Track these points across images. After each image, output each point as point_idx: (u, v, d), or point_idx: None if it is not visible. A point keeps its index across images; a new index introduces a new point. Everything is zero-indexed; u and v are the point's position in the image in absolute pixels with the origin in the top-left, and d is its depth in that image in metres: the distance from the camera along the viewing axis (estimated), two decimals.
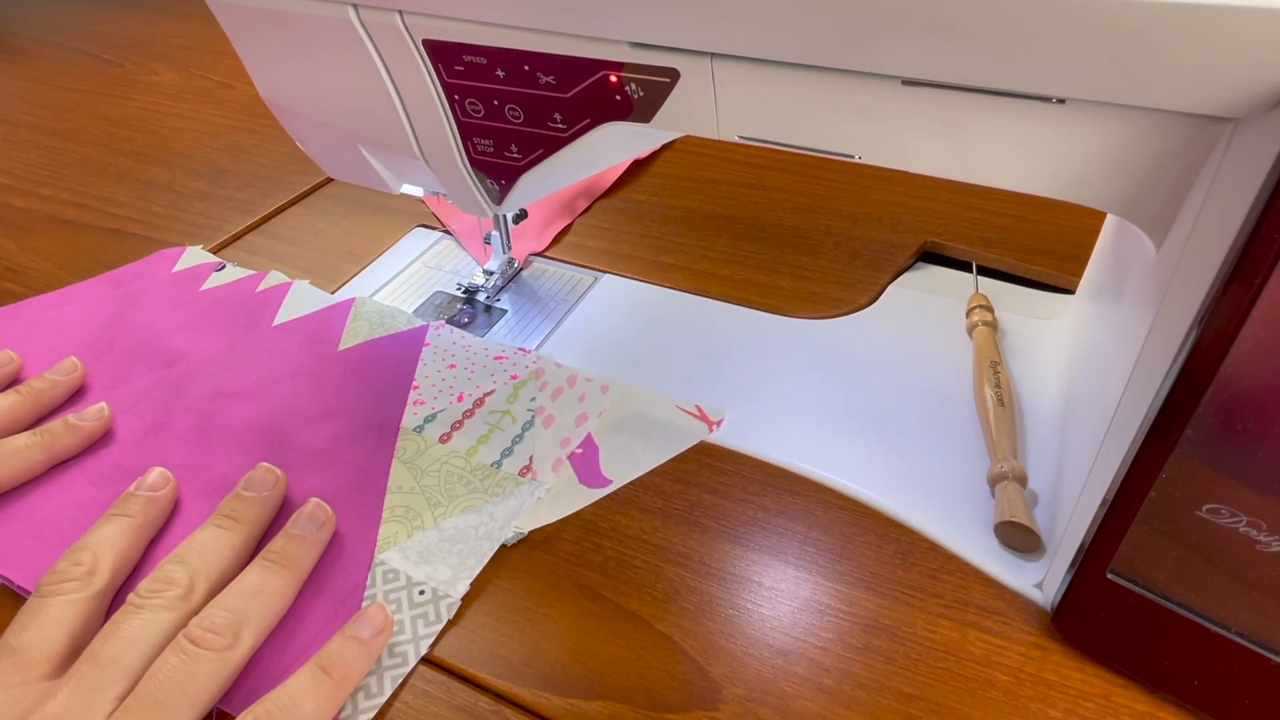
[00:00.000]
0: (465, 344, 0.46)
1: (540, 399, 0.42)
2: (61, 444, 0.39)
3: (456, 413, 0.42)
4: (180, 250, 0.54)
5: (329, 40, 0.35)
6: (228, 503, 0.36)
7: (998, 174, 0.28)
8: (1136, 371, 0.27)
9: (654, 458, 0.40)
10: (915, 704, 0.30)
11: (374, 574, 0.34)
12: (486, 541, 0.35)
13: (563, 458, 0.39)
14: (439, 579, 0.34)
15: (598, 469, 0.39)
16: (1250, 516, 0.24)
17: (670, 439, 0.40)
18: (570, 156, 0.35)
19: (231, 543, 0.34)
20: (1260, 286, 0.21)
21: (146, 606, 0.31)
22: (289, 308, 0.49)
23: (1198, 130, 0.24)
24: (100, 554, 0.33)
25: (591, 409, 0.42)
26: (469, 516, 0.37)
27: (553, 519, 0.37)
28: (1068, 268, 0.48)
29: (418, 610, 0.33)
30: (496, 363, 0.45)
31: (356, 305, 0.49)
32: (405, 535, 0.36)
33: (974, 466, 0.38)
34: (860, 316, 0.48)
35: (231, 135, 0.72)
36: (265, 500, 0.36)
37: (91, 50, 0.92)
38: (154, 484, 0.37)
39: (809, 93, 0.28)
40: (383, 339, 0.46)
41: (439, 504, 0.37)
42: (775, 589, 0.34)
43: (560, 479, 0.39)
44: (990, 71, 0.24)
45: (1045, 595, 0.32)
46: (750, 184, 0.60)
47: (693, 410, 0.42)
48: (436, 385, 0.43)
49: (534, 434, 0.41)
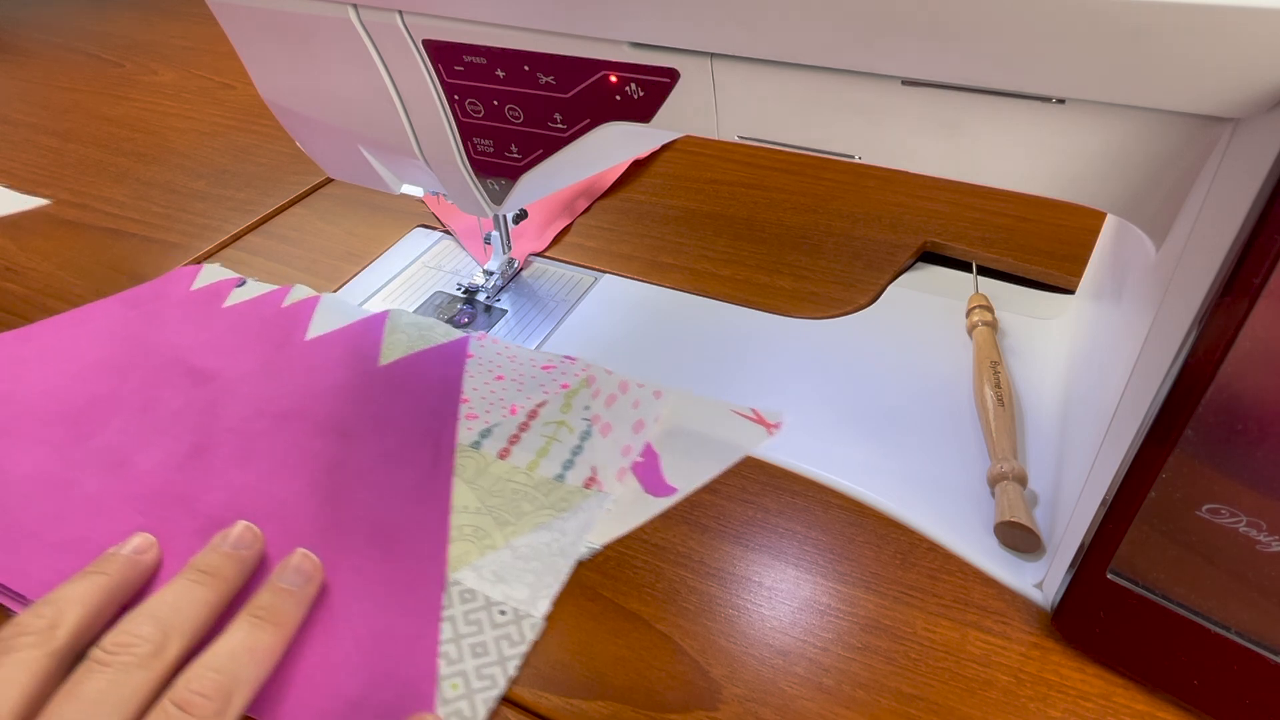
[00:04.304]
0: (510, 354, 0.45)
1: (594, 407, 0.41)
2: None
3: (511, 426, 0.41)
4: (197, 268, 0.53)
5: (329, 40, 0.35)
6: (203, 557, 0.33)
7: (998, 174, 0.28)
8: (1136, 372, 0.27)
9: (715, 464, 0.39)
10: (915, 704, 0.30)
11: (450, 593, 0.33)
12: (562, 558, 0.35)
13: (626, 467, 0.38)
14: (518, 598, 0.33)
15: (661, 477, 0.38)
16: (1250, 516, 0.24)
17: (729, 444, 0.40)
18: (570, 156, 0.35)
19: (207, 599, 0.31)
20: (1260, 286, 0.21)
21: (112, 664, 0.27)
22: (320, 322, 0.47)
23: (1198, 130, 0.24)
24: (65, 609, 0.29)
25: (648, 415, 0.41)
26: (540, 534, 0.36)
27: (623, 531, 0.36)
28: (1068, 268, 0.48)
29: (500, 631, 0.32)
30: (545, 373, 0.43)
31: (391, 318, 0.47)
32: (477, 554, 0.35)
33: (974, 466, 0.38)
34: (860, 316, 0.48)
35: (231, 135, 0.72)
36: (244, 559, 0.33)
37: (91, 50, 0.92)
38: (138, 547, 0.34)
39: (809, 93, 0.28)
40: (424, 353, 0.45)
41: (508, 522, 0.36)
42: (775, 589, 0.34)
43: (626, 489, 0.38)
44: (990, 71, 0.24)
45: (1045, 595, 0.32)
46: (750, 184, 0.60)
47: (749, 414, 0.41)
48: (486, 399, 0.42)
49: (593, 444, 0.40)
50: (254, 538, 0.34)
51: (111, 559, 0.33)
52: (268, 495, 0.37)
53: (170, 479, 0.38)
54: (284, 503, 0.37)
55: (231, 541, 0.33)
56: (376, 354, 0.45)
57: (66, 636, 0.29)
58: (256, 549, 0.34)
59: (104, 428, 0.41)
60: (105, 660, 0.27)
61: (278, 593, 0.31)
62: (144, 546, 0.34)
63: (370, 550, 0.35)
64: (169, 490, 0.38)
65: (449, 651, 0.31)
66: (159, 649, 0.28)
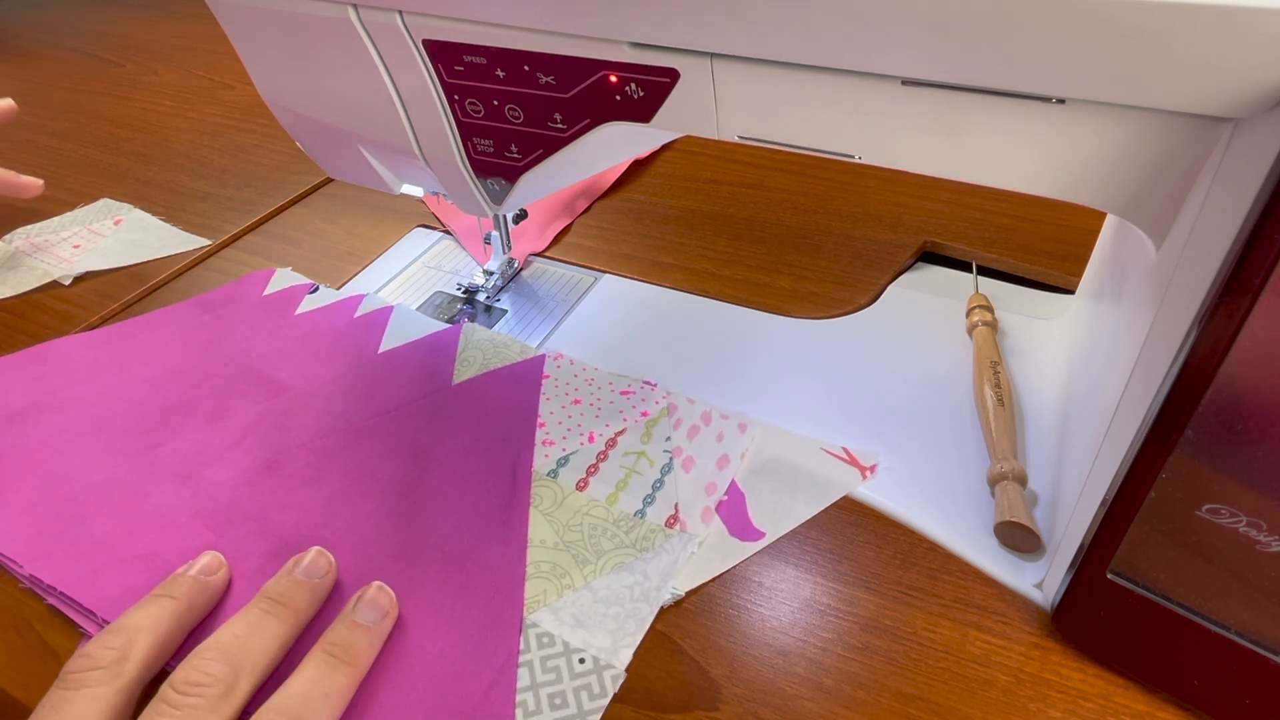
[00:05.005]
0: (587, 376, 0.44)
1: (676, 439, 0.40)
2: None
3: (590, 455, 0.39)
4: (270, 272, 0.52)
5: (329, 40, 0.35)
6: (275, 584, 0.32)
7: (998, 174, 0.28)
8: (1136, 372, 0.27)
9: (806, 508, 0.37)
10: (915, 704, 0.30)
11: (527, 636, 0.32)
12: (644, 604, 0.33)
13: (711, 506, 0.36)
14: (598, 646, 0.31)
15: (748, 520, 0.36)
16: (1250, 516, 0.24)
17: (821, 486, 0.37)
18: (570, 156, 0.35)
19: (279, 632, 0.30)
20: (1260, 286, 0.21)
21: (182, 707, 0.26)
22: (393, 334, 0.47)
23: (1198, 130, 0.24)
24: (135, 638, 0.29)
25: (732, 450, 0.39)
26: (621, 575, 0.34)
27: (707, 577, 0.34)
28: (1068, 268, 0.48)
29: (580, 681, 0.30)
30: (623, 398, 0.42)
31: (466, 333, 0.46)
32: (555, 594, 0.33)
33: (974, 466, 0.38)
34: (860, 316, 0.48)
35: (231, 135, 0.72)
36: (317, 588, 0.32)
37: (91, 50, 0.92)
38: (207, 567, 0.33)
39: (809, 93, 0.28)
40: (499, 371, 0.44)
41: (587, 561, 0.34)
42: (775, 589, 0.34)
43: (711, 531, 0.36)
44: (990, 71, 0.24)
45: (1045, 595, 0.32)
46: (750, 184, 0.60)
47: (840, 454, 0.39)
48: (564, 424, 0.41)
49: (674, 479, 0.38)
50: (328, 565, 0.33)
51: (180, 581, 0.32)
52: (339, 518, 0.36)
53: (241, 495, 0.38)
54: (356, 526, 0.36)
55: (305, 568, 0.32)
56: (450, 370, 0.44)
57: (135, 670, 0.28)
58: (330, 578, 0.33)
59: (176, 436, 0.41)
60: (175, 702, 0.27)
61: (353, 628, 0.30)
62: (213, 567, 0.33)
63: (445, 584, 0.34)
64: (240, 507, 0.37)
65: (526, 701, 0.30)
66: (230, 689, 0.27)
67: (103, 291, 0.53)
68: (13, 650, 0.33)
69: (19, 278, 0.54)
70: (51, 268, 0.55)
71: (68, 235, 0.58)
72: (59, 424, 0.42)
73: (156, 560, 0.35)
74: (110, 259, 0.55)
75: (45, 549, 0.36)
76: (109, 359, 0.46)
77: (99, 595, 0.34)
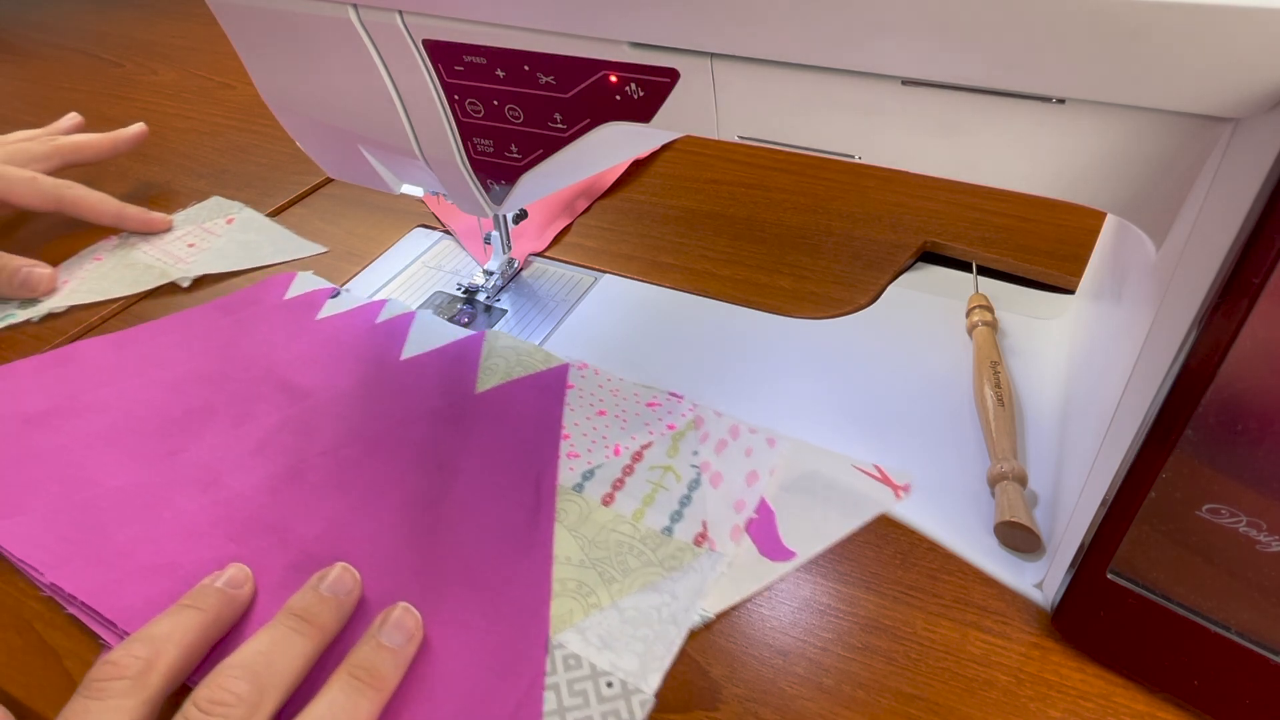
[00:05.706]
0: (612, 387, 0.43)
1: (703, 453, 0.39)
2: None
3: (615, 469, 0.38)
4: (291, 275, 0.52)
5: (329, 40, 0.35)
6: (300, 599, 0.31)
7: (998, 174, 0.28)
8: (1136, 372, 0.27)
9: (838, 527, 0.36)
10: (915, 704, 0.30)
11: (553, 657, 0.31)
12: (673, 626, 0.32)
13: (740, 525, 0.35)
14: (626, 669, 0.30)
15: (778, 539, 0.35)
16: (1250, 516, 0.24)
17: (853, 505, 0.36)
18: (570, 156, 0.35)
19: (304, 650, 0.29)
20: (1260, 287, 0.21)
21: None
22: (415, 340, 0.46)
23: (1198, 130, 0.24)
24: (162, 649, 0.28)
25: (761, 466, 0.38)
26: (649, 595, 0.33)
27: (738, 598, 0.33)
28: (1068, 268, 0.48)
29: (607, 706, 0.29)
30: (649, 410, 0.41)
31: (489, 340, 0.45)
32: (581, 614, 0.32)
33: (974, 466, 0.38)
34: (860, 316, 0.48)
35: (231, 135, 0.72)
36: (342, 604, 0.31)
37: (91, 50, 0.92)
38: (234, 580, 0.33)
39: (809, 93, 0.28)
40: (523, 380, 0.43)
41: (614, 579, 0.33)
42: (775, 589, 0.34)
43: (740, 550, 0.35)
44: (990, 71, 0.24)
45: (1045, 595, 0.32)
46: (750, 184, 0.60)
47: (872, 471, 0.38)
48: (589, 436, 0.40)
49: (702, 494, 0.37)
50: (353, 582, 0.33)
51: (207, 593, 0.32)
52: (362, 530, 0.36)
53: (263, 504, 0.37)
54: (378, 539, 0.35)
55: (330, 584, 0.32)
56: (474, 378, 0.43)
57: (160, 682, 0.28)
58: (355, 595, 0.32)
59: (197, 441, 0.41)
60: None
61: (378, 650, 0.29)
62: (239, 580, 0.33)
63: (469, 601, 0.33)
64: (261, 517, 0.37)
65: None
66: (254, 709, 0.27)
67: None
68: (13, 651, 0.33)
69: (136, 276, 0.53)
70: (169, 268, 0.54)
71: (181, 234, 0.58)
72: (81, 427, 0.41)
73: (177, 570, 0.34)
74: (226, 261, 0.54)
75: (66, 556, 0.35)
76: (131, 362, 0.46)
77: (120, 605, 0.33)
